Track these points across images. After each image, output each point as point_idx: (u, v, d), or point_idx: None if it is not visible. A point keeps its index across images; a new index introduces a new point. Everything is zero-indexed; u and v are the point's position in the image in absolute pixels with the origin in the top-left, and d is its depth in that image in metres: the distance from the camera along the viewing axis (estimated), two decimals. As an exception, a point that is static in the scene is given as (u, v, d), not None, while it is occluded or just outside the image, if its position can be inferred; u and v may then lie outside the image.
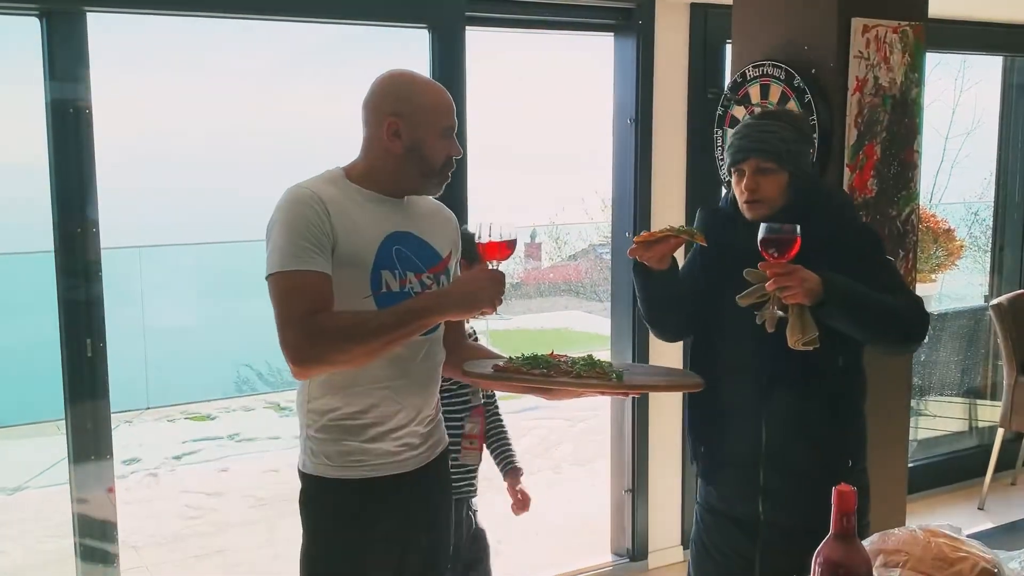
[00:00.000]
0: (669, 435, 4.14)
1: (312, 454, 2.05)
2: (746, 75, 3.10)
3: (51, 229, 2.98)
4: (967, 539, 1.64)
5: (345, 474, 2.02)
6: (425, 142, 2.02)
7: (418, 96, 2.04)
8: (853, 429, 2.37)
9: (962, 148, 7.98)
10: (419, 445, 2.09)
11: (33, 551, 4.87)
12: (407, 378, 2.04)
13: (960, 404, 5.41)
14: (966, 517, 4.54)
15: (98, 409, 3.09)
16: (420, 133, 2.01)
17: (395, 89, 2.04)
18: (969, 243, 7.08)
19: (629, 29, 3.88)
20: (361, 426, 2.01)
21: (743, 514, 2.37)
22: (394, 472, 2.04)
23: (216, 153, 10.05)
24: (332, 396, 2.01)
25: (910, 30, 3.00)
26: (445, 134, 2.04)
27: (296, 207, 1.94)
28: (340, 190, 2.00)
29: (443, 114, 2.04)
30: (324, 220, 1.93)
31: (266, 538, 4.98)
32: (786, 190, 2.27)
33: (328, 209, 1.94)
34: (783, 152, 2.25)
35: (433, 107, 2.04)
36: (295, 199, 1.95)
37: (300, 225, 1.91)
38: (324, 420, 2.02)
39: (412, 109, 2.01)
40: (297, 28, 4.58)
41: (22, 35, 2.96)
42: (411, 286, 2.03)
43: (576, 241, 15.20)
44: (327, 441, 2.02)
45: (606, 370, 2.09)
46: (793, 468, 2.31)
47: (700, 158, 3.87)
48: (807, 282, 2.08)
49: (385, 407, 2.02)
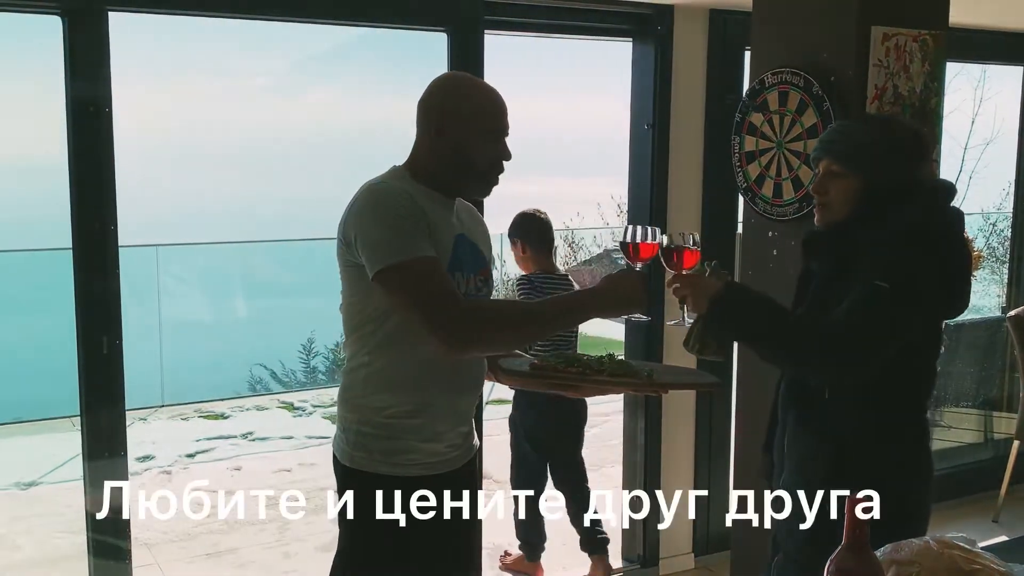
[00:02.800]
0: (681, 442, 4.13)
1: (363, 449, 2.04)
2: (764, 82, 3.10)
3: (69, 226, 2.99)
4: (981, 551, 1.63)
5: (396, 471, 2.02)
6: (469, 143, 2.00)
7: (466, 96, 2.04)
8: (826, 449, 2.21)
9: (981, 158, 7.95)
10: (462, 445, 2.12)
11: (46, 546, 4.90)
12: (461, 378, 2.06)
13: (976, 416, 5.37)
14: (981, 529, 4.50)
15: (113, 406, 3.10)
16: (464, 133, 2.00)
17: (444, 88, 2.05)
18: (986, 254, 7.04)
19: (648, 35, 3.88)
20: (416, 425, 2.02)
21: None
22: (440, 472, 2.06)
23: (234, 154, 10.11)
24: (388, 393, 2.02)
25: (930, 39, 2.99)
26: (491, 137, 2.02)
27: (391, 199, 1.94)
28: (414, 189, 2.00)
29: (490, 116, 2.03)
30: (418, 211, 1.94)
31: (277, 537, 4.99)
32: (856, 197, 2.15)
33: (416, 203, 1.96)
34: (852, 156, 2.15)
35: (479, 108, 2.02)
36: (386, 193, 1.96)
37: (403, 215, 1.92)
38: (379, 417, 2.02)
39: (458, 109, 2.01)
40: (316, 30, 4.59)
41: (44, 34, 2.98)
42: (471, 287, 2.06)
43: (591, 246, 15.20)
44: (382, 438, 2.02)
45: (636, 369, 2.13)
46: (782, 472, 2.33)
47: (717, 164, 3.86)
48: (698, 291, 2.14)
49: (439, 407, 2.04)
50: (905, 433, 2.19)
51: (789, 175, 3.07)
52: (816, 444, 2.22)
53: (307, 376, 9.58)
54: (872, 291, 2.02)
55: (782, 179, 3.10)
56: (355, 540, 2.08)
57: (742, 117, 3.21)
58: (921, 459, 2.23)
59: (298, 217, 10.24)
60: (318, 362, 9.40)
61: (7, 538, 5.00)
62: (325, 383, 9.16)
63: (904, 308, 2.04)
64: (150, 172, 8.52)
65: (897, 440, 2.18)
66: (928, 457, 2.25)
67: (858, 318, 2.02)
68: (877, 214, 2.12)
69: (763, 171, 3.15)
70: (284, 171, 9.86)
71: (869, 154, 2.15)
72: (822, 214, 2.22)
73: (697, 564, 4.21)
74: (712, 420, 4.16)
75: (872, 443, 2.16)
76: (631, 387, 2.17)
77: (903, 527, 1.91)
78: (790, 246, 3.02)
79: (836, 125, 2.29)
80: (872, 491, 1.99)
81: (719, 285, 2.13)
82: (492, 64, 3.54)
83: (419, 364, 1.99)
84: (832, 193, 2.18)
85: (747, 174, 3.21)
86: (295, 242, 9.60)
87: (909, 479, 2.20)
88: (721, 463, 4.16)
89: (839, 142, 2.19)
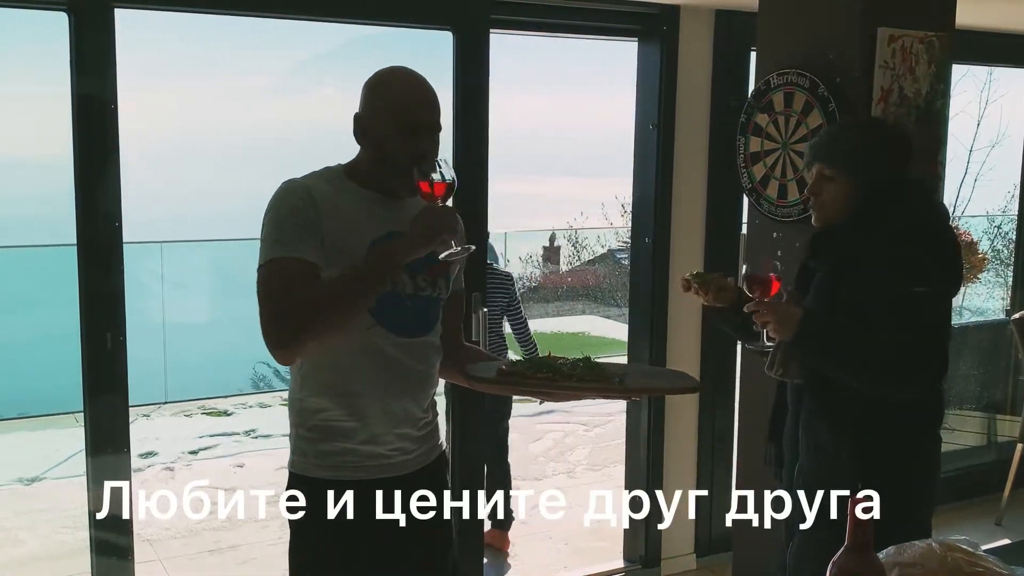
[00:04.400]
0: (685, 442, 4.13)
1: (301, 454, 2.02)
2: (770, 83, 3.09)
3: (74, 223, 3.00)
4: (984, 554, 1.63)
5: (333, 475, 1.98)
6: (385, 139, 1.95)
7: (380, 91, 1.98)
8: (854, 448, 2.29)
9: (986, 161, 7.93)
10: (413, 449, 2.05)
11: (49, 542, 4.91)
12: (398, 380, 2.00)
13: (979, 418, 5.36)
14: (983, 532, 4.50)
15: (116, 402, 3.11)
16: (380, 130, 1.95)
17: (366, 87, 2.00)
18: (991, 257, 7.03)
19: (653, 35, 3.88)
20: (351, 428, 1.98)
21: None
22: (384, 475, 2.00)
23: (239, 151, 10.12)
24: (322, 396, 1.98)
25: (936, 40, 2.98)
26: (404, 130, 1.93)
27: (283, 197, 1.93)
28: (334, 186, 1.97)
29: (402, 109, 1.94)
30: (310, 210, 1.90)
31: (279, 534, 4.99)
32: (851, 199, 2.25)
33: (315, 201, 1.91)
34: (847, 160, 2.24)
35: (392, 102, 1.95)
36: (283, 190, 1.95)
37: (286, 213, 1.90)
38: (315, 420, 1.99)
39: (373, 105, 1.97)
40: (321, 28, 4.60)
41: (50, 30, 2.98)
42: (402, 286, 1.99)
43: (595, 246, 15.20)
44: (317, 440, 1.99)
45: (607, 373, 2.08)
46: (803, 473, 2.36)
47: (722, 165, 3.86)
48: (782, 318, 2.18)
49: (375, 409, 1.98)
50: (927, 411, 2.31)
51: (794, 176, 3.07)
52: (839, 433, 2.28)
53: (310, 374, 9.56)
54: (918, 300, 2.16)
55: (787, 180, 3.09)
56: (300, 543, 2.05)
57: (747, 118, 3.20)
58: (936, 439, 2.36)
59: (302, 215, 10.25)
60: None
61: (10, 533, 5.01)
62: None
63: (944, 302, 2.24)
64: (155, 169, 8.53)
65: (918, 421, 2.29)
66: (939, 439, 2.38)
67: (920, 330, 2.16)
68: (876, 214, 2.23)
69: (768, 172, 3.15)
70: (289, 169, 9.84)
71: (857, 157, 2.25)
72: (818, 215, 2.32)
73: (699, 565, 4.20)
74: (715, 421, 4.16)
75: (895, 426, 2.27)
76: (601, 392, 2.10)
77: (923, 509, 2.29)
78: (795, 247, 3.02)
79: (825, 129, 2.38)
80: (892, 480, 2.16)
81: (799, 312, 2.20)
82: (497, 63, 3.55)
83: (345, 366, 1.96)
84: (826, 195, 2.27)
85: (752, 175, 3.20)
86: (299, 240, 9.57)
87: (929, 461, 2.34)
88: (723, 463, 4.16)
89: (828, 146, 2.28)
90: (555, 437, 6.79)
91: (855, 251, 2.23)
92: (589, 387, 2.05)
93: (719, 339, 4.08)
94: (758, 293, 2.21)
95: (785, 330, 2.18)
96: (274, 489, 5.63)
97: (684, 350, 4.04)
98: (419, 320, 2.04)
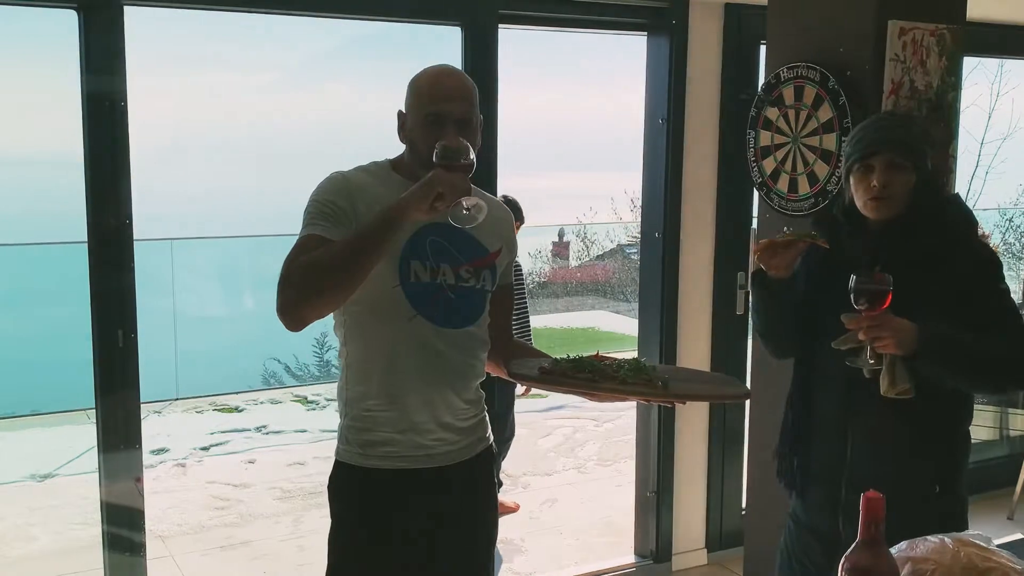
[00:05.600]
0: (695, 437, 4.12)
1: (346, 442, 2.05)
2: (780, 76, 3.08)
3: (85, 220, 3.01)
4: (997, 549, 1.62)
5: (375, 463, 2.01)
6: (415, 132, 1.98)
7: (412, 87, 2.01)
8: (943, 454, 2.28)
9: (997, 153, 7.89)
10: (456, 440, 2.06)
11: (62, 537, 4.93)
12: (439, 371, 2.02)
13: (991, 412, 5.34)
14: (996, 527, 4.48)
15: (128, 399, 3.12)
16: (411, 124, 2.00)
17: (410, 81, 2.03)
18: (1003, 249, 7.00)
19: (662, 29, 3.86)
20: (392, 417, 2.00)
21: (824, 529, 2.30)
22: (426, 465, 2.02)
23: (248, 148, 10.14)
24: (365, 385, 2.01)
25: (947, 33, 2.97)
26: (427, 120, 1.95)
27: (321, 185, 1.99)
28: (377, 178, 2.01)
29: (426, 100, 1.97)
30: (343, 199, 1.94)
31: (291, 530, 5.01)
32: (912, 193, 2.17)
33: (351, 191, 1.96)
34: (917, 149, 2.17)
35: (419, 94, 1.99)
36: (323, 180, 2.00)
37: (316, 200, 1.96)
38: (357, 409, 2.02)
39: (407, 101, 2.02)
40: (330, 24, 4.60)
41: (60, 28, 2.99)
42: (444, 277, 2.00)
43: (604, 241, 15.18)
44: (360, 430, 2.02)
45: (652, 376, 2.04)
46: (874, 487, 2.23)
47: (732, 159, 3.85)
48: (900, 333, 2.03)
49: (416, 399, 2.00)
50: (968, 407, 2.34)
51: (805, 170, 3.05)
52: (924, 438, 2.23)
53: (320, 370, 9.61)
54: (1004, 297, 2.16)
55: (798, 174, 3.08)
56: (340, 530, 2.06)
57: (757, 112, 3.19)
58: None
59: (312, 211, 10.29)
60: (331, 356, 9.42)
61: (23, 529, 5.04)
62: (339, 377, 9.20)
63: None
64: (165, 166, 8.56)
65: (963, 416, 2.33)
66: None
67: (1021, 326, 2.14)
68: (936, 207, 2.19)
69: (779, 166, 3.14)
70: (298, 165, 9.87)
71: (923, 148, 2.18)
72: (883, 209, 2.17)
73: (710, 560, 4.20)
74: (726, 415, 4.15)
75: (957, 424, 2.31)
76: (644, 396, 2.06)
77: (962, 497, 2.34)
78: (805, 241, 3.00)
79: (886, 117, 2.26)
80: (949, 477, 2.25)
81: (913, 325, 2.05)
82: (507, 59, 3.54)
83: (387, 355, 1.98)
84: (895, 186, 2.15)
85: (762, 169, 3.19)
86: (309, 236, 9.60)
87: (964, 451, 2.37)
88: (734, 458, 4.15)
89: (901, 137, 2.16)
90: (565, 433, 6.79)
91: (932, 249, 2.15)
92: (631, 389, 2.02)
93: (729, 333, 4.07)
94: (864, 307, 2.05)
95: (905, 346, 2.05)
96: (286, 485, 5.66)
97: (694, 345, 4.03)
98: (462, 311, 2.05)
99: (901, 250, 2.17)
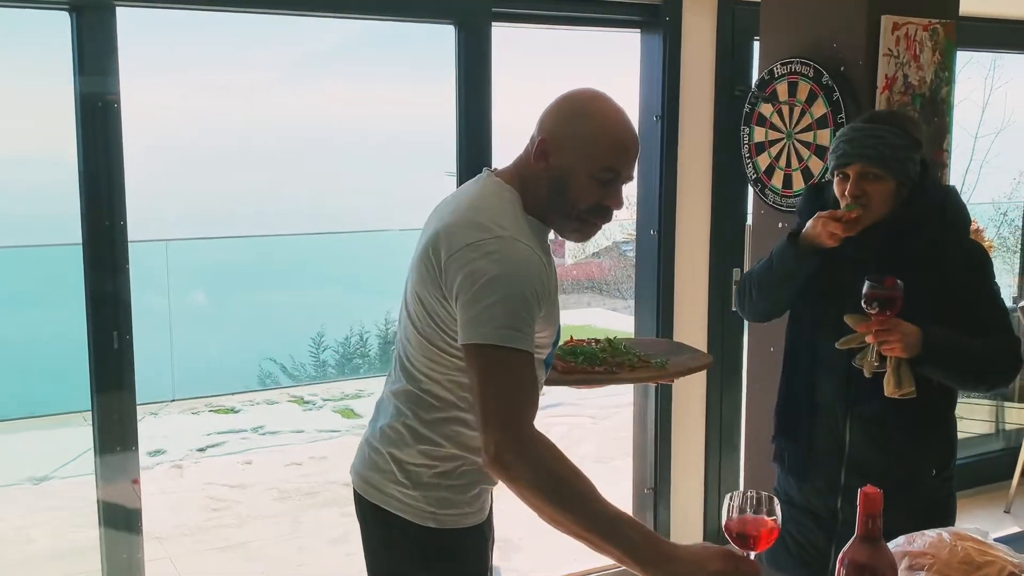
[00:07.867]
0: (692, 433, 4.12)
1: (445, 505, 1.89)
2: (774, 72, 3.08)
3: (79, 222, 3.00)
4: (994, 543, 1.63)
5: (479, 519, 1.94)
6: (572, 175, 1.75)
7: (581, 122, 1.76)
8: (939, 438, 2.37)
9: (991, 147, 7.89)
10: None
11: (59, 539, 4.93)
12: None
13: (987, 406, 5.35)
14: (993, 521, 4.49)
15: (124, 400, 3.11)
16: (569, 163, 1.75)
17: (563, 107, 1.79)
18: (997, 244, 7.01)
19: (656, 25, 3.86)
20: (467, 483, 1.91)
21: (821, 510, 2.38)
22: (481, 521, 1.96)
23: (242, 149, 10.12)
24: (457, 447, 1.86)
25: (941, 28, 2.97)
26: (599, 175, 1.74)
27: (529, 274, 1.69)
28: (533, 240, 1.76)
29: (604, 152, 1.74)
30: (546, 288, 1.73)
31: (289, 531, 5.00)
32: (892, 199, 2.22)
33: (549, 273, 1.76)
34: (890, 159, 2.19)
35: (593, 139, 1.74)
36: (527, 264, 1.70)
37: (527, 296, 1.67)
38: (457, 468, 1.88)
39: (569, 134, 1.75)
40: (323, 24, 4.59)
41: (52, 29, 2.98)
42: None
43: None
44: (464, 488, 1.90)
45: (651, 359, 2.18)
46: (873, 471, 2.27)
47: (726, 156, 3.85)
48: (907, 337, 2.12)
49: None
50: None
51: (799, 166, 3.06)
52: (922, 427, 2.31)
53: (317, 370, 9.60)
54: (995, 299, 2.26)
55: (792, 170, 3.09)
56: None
57: (751, 108, 3.19)
58: None
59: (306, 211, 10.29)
60: (328, 356, 9.41)
61: (21, 531, 5.03)
62: (335, 377, 9.19)
63: None
64: (159, 167, 8.53)
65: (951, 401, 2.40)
66: None
67: (1009, 328, 2.25)
68: (920, 211, 2.23)
69: (773, 162, 3.14)
70: (292, 166, 9.85)
71: (900, 156, 2.20)
72: (863, 216, 2.22)
73: (708, 556, 4.20)
74: (722, 412, 4.16)
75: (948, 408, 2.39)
76: (651, 379, 2.23)
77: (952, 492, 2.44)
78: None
79: (859, 128, 2.25)
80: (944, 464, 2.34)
81: (917, 328, 2.13)
82: (499, 56, 3.54)
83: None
84: (871, 195, 2.20)
85: (757, 165, 3.20)
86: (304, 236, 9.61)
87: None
88: (731, 455, 4.16)
89: (873, 147, 2.19)
90: (561, 431, 6.79)
91: (906, 246, 2.21)
92: (640, 377, 2.21)
93: (725, 330, 4.08)
94: (876, 312, 2.10)
95: (911, 349, 2.12)
96: (284, 485, 5.65)
97: (689, 341, 3.97)
98: None
99: (897, 248, 2.23)
